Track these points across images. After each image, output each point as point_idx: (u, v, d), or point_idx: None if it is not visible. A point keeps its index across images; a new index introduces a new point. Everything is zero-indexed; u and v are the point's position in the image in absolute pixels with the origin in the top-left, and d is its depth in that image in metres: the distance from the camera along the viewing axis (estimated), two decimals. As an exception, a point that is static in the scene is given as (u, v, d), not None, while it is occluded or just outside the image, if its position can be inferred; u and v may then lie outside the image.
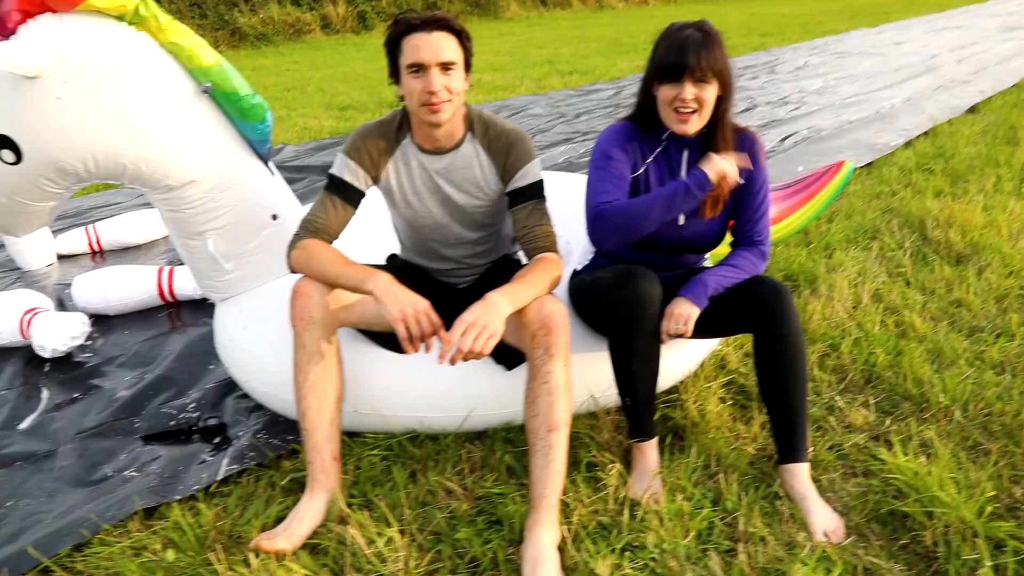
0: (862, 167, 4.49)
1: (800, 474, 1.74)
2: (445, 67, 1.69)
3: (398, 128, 1.85)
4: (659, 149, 1.87)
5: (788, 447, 1.76)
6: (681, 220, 1.86)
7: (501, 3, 17.70)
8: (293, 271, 1.76)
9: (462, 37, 1.73)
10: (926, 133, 5.24)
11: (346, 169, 1.81)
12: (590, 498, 1.73)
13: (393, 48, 1.73)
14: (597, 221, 1.79)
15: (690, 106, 1.73)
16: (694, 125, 1.76)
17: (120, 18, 1.73)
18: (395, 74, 1.76)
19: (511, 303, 1.61)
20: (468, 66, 1.77)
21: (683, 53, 1.70)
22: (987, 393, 2.08)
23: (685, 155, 1.86)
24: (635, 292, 1.70)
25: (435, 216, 1.92)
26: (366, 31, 15.01)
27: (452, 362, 1.53)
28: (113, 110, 1.73)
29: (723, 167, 1.68)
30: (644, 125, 1.86)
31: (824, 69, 8.47)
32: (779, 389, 1.75)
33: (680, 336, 1.77)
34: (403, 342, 1.56)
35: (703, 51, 1.70)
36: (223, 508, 1.78)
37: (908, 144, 4.97)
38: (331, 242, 1.80)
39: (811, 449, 1.88)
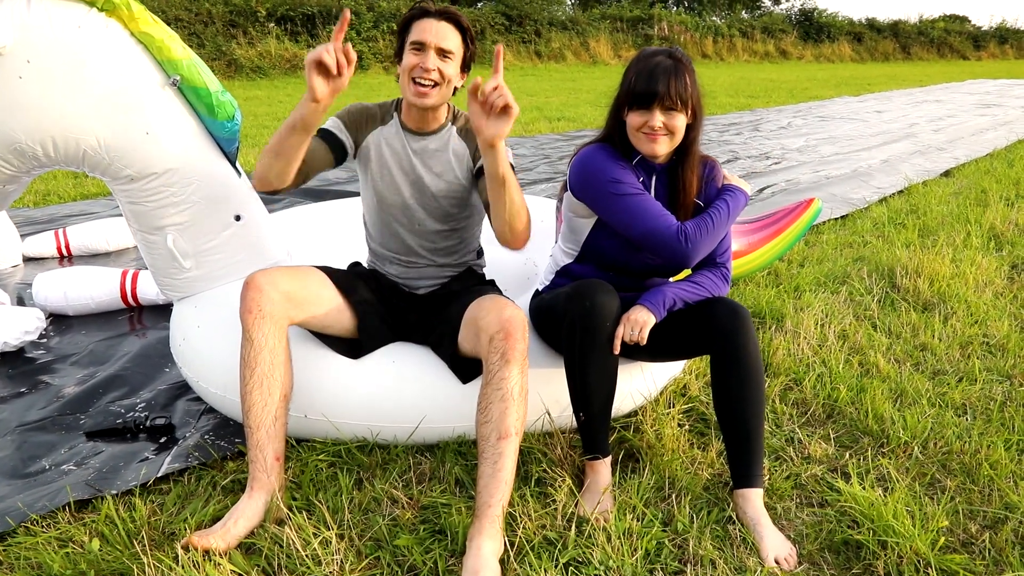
0: (837, 218, 4.55)
1: (754, 499, 1.71)
2: (443, 53, 1.81)
3: (389, 109, 1.98)
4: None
5: (742, 471, 1.73)
6: None
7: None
8: (258, 177, 1.77)
9: (467, 35, 1.86)
10: (901, 191, 5.35)
11: (333, 125, 1.95)
12: (538, 512, 1.68)
13: (403, 30, 1.85)
14: (682, 252, 1.74)
15: (659, 133, 1.73)
16: (663, 147, 1.76)
17: (91, 4, 1.73)
18: (399, 54, 1.86)
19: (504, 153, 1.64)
20: (467, 66, 1.90)
21: (653, 80, 1.70)
22: (947, 432, 2.07)
23: (654, 181, 1.87)
24: (592, 303, 1.69)
25: (403, 196, 1.95)
26: (361, 71, 15.25)
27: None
28: (76, 94, 1.73)
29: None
30: (617, 148, 1.86)
31: (807, 130, 8.68)
32: (735, 412, 1.72)
33: (636, 345, 1.76)
34: (315, 65, 1.54)
35: (673, 78, 1.70)
36: (159, 505, 1.72)
37: (883, 200, 5.06)
38: (303, 171, 1.82)
39: (767, 477, 1.86)
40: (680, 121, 1.74)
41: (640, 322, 1.72)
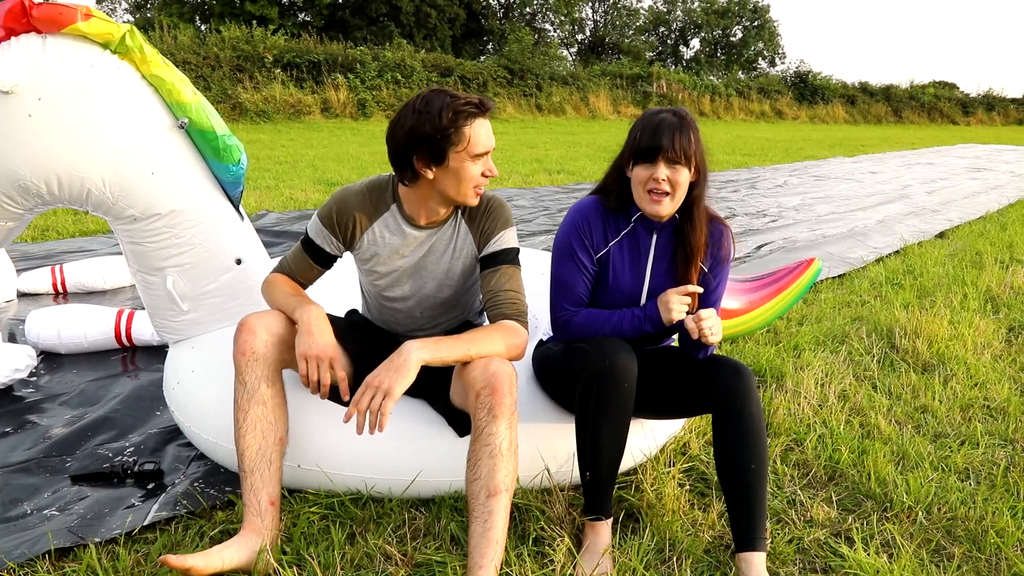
0: (834, 277, 4.57)
1: (756, 564, 1.65)
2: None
3: (383, 194, 1.83)
4: (626, 230, 1.86)
5: (744, 534, 1.67)
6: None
7: (497, 105, 18.39)
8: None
9: None
10: (897, 252, 5.38)
11: (319, 235, 1.83)
12: (535, 573, 1.63)
13: (447, 133, 1.61)
14: (559, 331, 1.87)
15: (663, 187, 1.73)
16: (666, 207, 1.76)
17: (105, 45, 1.75)
18: (439, 159, 1.65)
19: (428, 352, 1.57)
20: None
21: (658, 135, 1.72)
22: (951, 497, 2.03)
23: (654, 239, 1.86)
24: (613, 363, 1.65)
25: (405, 290, 1.91)
26: (364, 118, 15.46)
27: (358, 430, 1.51)
28: (84, 133, 1.73)
29: (675, 310, 1.75)
30: (613, 204, 1.85)
31: (802, 189, 8.78)
32: (737, 474, 1.68)
33: (637, 402, 1.74)
34: (300, 377, 1.62)
35: (678, 134, 1.72)
36: (144, 555, 1.66)
37: (879, 260, 5.09)
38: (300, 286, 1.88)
39: (770, 540, 1.81)
40: (683, 176, 1.74)
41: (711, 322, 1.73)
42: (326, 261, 1.87)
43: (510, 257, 1.83)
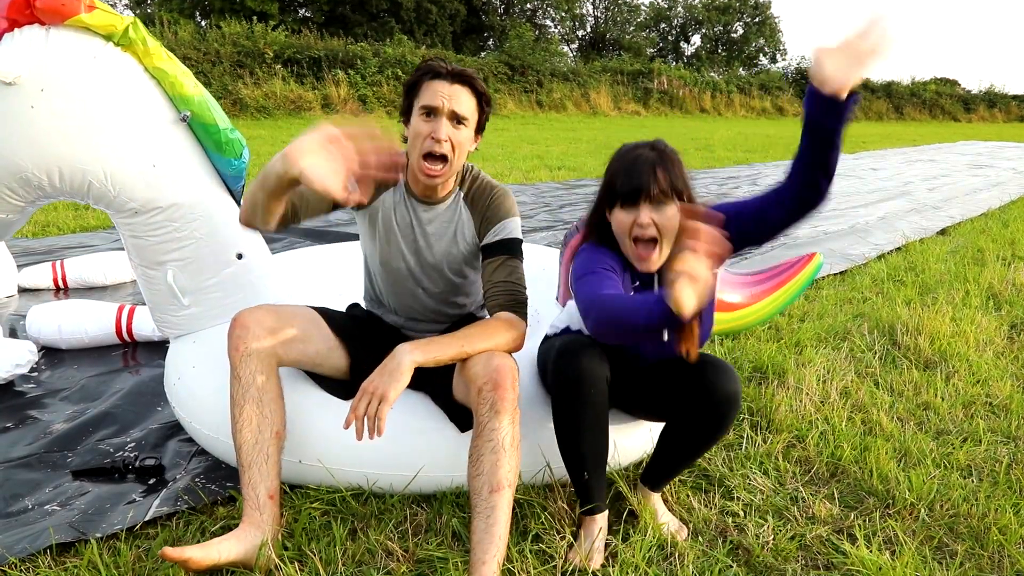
0: (835, 274, 4.56)
1: (654, 499, 1.87)
2: (457, 119, 1.68)
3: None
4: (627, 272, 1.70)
5: (656, 480, 1.86)
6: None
7: (498, 101, 18.37)
8: (242, 221, 1.66)
9: (482, 99, 1.74)
10: (898, 248, 5.38)
11: None
12: (536, 569, 1.63)
13: (410, 90, 1.72)
14: (590, 309, 1.54)
15: (648, 233, 1.59)
16: (655, 261, 1.62)
17: (108, 38, 1.75)
18: (407, 113, 1.75)
19: (420, 353, 1.58)
20: (480, 129, 1.78)
21: (637, 173, 1.57)
22: (953, 494, 2.03)
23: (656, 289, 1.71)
24: (580, 368, 1.60)
25: (408, 264, 1.91)
26: (365, 113, 15.44)
27: (357, 436, 1.51)
28: (86, 125, 1.73)
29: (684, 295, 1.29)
30: (606, 245, 1.70)
31: (803, 185, 8.75)
32: (685, 447, 1.78)
33: (633, 402, 1.74)
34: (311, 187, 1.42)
35: (658, 168, 1.57)
36: (145, 551, 1.66)
37: (881, 257, 5.08)
38: (296, 214, 1.71)
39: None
40: (671, 213, 1.58)
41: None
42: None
43: (511, 248, 1.83)
